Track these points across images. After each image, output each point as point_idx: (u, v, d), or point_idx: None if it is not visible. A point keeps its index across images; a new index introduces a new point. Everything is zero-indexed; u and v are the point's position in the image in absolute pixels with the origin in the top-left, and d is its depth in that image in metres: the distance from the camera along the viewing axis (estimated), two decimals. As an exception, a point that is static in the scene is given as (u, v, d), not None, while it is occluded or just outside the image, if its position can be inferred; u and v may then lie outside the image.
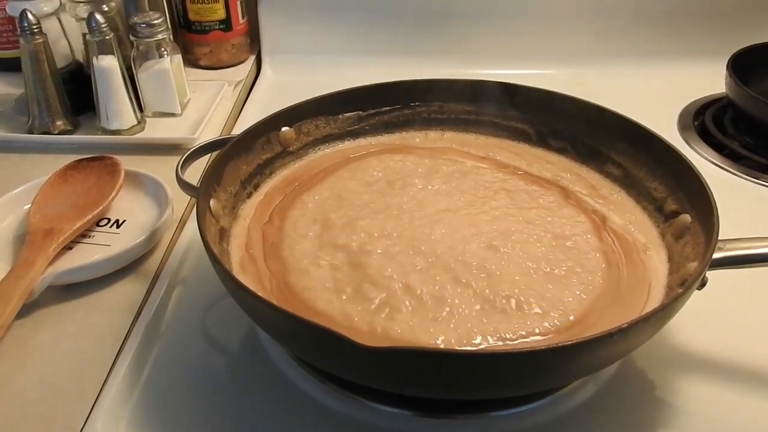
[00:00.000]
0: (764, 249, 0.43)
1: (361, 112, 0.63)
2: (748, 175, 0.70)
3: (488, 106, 0.63)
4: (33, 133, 0.74)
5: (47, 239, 0.54)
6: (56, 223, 0.56)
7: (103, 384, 0.47)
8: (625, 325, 0.36)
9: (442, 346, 0.41)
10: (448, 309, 0.44)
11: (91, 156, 0.64)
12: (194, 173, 0.55)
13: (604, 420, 0.45)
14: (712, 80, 0.81)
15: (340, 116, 0.62)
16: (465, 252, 0.48)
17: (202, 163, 0.63)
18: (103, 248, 0.57)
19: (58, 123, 0.74)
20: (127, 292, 0.55)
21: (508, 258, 0.48)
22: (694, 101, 0.84)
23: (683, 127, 0.79)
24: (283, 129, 0.59)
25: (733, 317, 0.52)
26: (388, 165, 0.59)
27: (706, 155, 0.74)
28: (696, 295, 0.42)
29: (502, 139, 0.63)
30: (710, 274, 0.43)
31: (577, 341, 0.35)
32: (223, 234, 0.51)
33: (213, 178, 0.51)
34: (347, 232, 0.50)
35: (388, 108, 0.63)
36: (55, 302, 0.54)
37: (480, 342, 0.42)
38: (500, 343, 0.42)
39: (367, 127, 0.63)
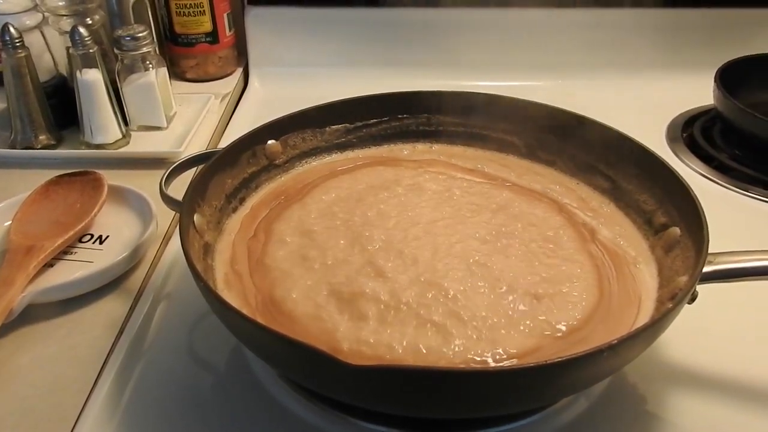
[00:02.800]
0: (754, 263, 0.43)
1: (348, 125, 0.62)
2: (736, 187, 0.70)
3: (477, 118, 0.63)
4: (15, 148, 0.73)
5: (28, 257, 0.53)
6: (37, 240, 0.55)
7: (84, 405, 0.46)
8: (616, 342, 0.35)
9: (427, 364, 0.40)
10: (435, 325, 0.43)
11: (73, 171, 0.63)
12: (180, 187, 0.55)
13: (597, 435, 0.45)
14: (700, 92, 0.81)
15: (327, 129, 0.62)
16: (453, 266, 0.48)
17: (188, 177, 0.62)
18: (85, 265, 0.56)
19: (41, 137, 0.73)
20: (109, 309, 0.54)
21: (497, 272, 0.47)
22: (683, 113, 0.84)
23: (672, 138, 0.79)
24: (269, 142, 0.59)
25: (724, 331, 0.52)
26: (375, 178, 0.58)
27: (694, 167, 0.74)
28: (687, 308, 0.42)
29: (491, 152, 0.63)
30: (700, 288, 0.43)
31: (568, 358, 0.35)
32: (208, 249, 0.50)
33: (197, 192, 0.50)
34: (334, 246, 0.50)
35: (375, 120, 0.63)
36: (36, 321, 0.52)
37: (469, 359, 0.41)
38: (490, 359, 0.41)
39: (354, 140, 0.63)
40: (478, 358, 0.41)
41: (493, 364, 0.41)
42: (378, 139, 0.63)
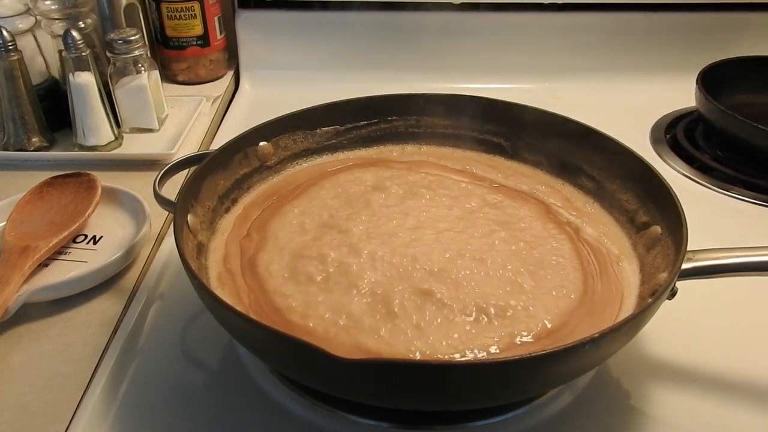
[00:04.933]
0: (732, 259, 0.44)
1: (338, 127, 0.63)
2: (718, 187, 0.72)
3: (464, 120, 0.64)
4: (8, 150, 0.73)
5: (23, 257, 0.54)
6: (32, 241, 0.56)
7: (79, 403, 0.47)
8: (597, 335, 0.36)
9: (418, 358, 0.41)
10: (424, 321, 0.44)
11: (67, 172, 0.64)
12: (172, 188, 0.55)
13: (580, 428, 0.46)
14: (683, 94, 0.83)
15: (318, 131, 0.63)
16: (442, 264, 0.49)
17: (181, 178, 0.62)
18: (79, 265, 0.57)
19: (34, 140, 0.74)
20: (104, 308, 0.55)
21: (484, 269, 0.49)
22: (666, 115, 0.86)
23: (655, 140, 0.81)
24: (261, 144, 0.60)
25: (704, 326, 0.53)
26: (365, 179, 0.60)
27: (677, 168, 0.75)
28: (669, 305, 0.43)
29: (479, 153, 0.64)
30: (681, 285, 0.44)
31: (551, 351, 0.36)
32: (201, 249, 0.51)
33: (190, 193, 0.51)
34: (325, 246, 0.51)
35: (365, 122, 0.64)
36: (31, 320, 0.53)
37: (455, 353, 0.42)
38: (475, 353, 0.42)
39: (344, 142, 0.64)
40: (465, 352, 0.42)
41: (478, 358, 0.42)
42: (368, 141, 0.65)
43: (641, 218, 0.52)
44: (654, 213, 0.51)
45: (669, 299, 0.43)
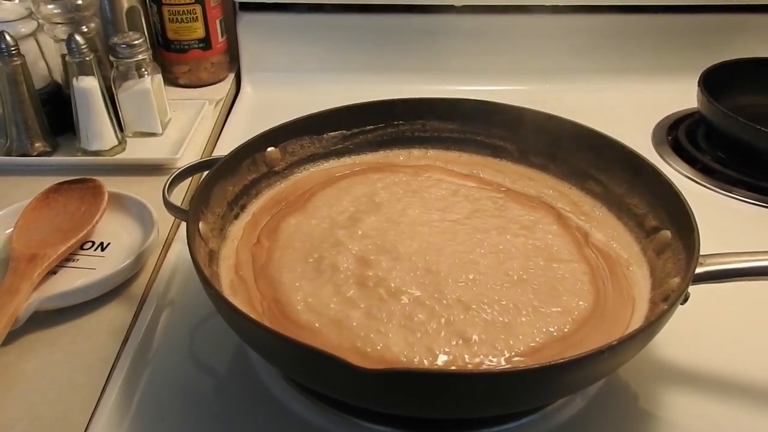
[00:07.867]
0: (744, 264, 0.45)
1: (345, 131, 0.63)
2: (720, 189, 0.72)
3: (471, 124, 0.64)
4: (11, 155, 0.73)
5: (31, 265, 0.54)
6: (40, 248, 0.55)
7: (93, 412, 0.47)
8: (615, 343, 0.37)
9: (435, 367, 0.42)
10: (439, 328, 0.44)
11: (73, 178, 0.63)
12: (176, 194, 0.55)
13: (593, 433, 0.46)
14: (684, 96, 0.83)
15: (325, 136, 0.63)
16: (452, 268, 0.49)
17: (184, 184, 0.62)
18: (88, 272, 0.56)
19: (37, 145, 0.73)
20: (114, 316, 0.54)
21: (496, 275, 0.49)
22: (668, 116, 0.86)
23: (657, 141, 0.81)
24: (269, 149, 0.59)
25: (714, 330, 0.54)
26: (373, 184, 0.60)
27: (679, 169, 0.76)
28: (678, 308, 0.43)
29: (485, 157, 0.64)
30: (690, 289, 0.44)
31: (569, 359, 0.36)
32: (213, 256, 0.51)
33: (201, 200, 0.51)
34: (336, 251, 0.51)
35: (371, 127, 0.64)
36: (41, 328, 0.53)
37: (472, 361, 0.42)
38: (490, 360, 0.42)
39: (351, 146, 0.64)
40: (481, 360, 0.42)
41: (496, 366, 0.42)
42: (374, 146, 0.65)
43: (650, 223, 0.52)
44: (663, 217, 0.51)
45: (682, 304, 0.43)
